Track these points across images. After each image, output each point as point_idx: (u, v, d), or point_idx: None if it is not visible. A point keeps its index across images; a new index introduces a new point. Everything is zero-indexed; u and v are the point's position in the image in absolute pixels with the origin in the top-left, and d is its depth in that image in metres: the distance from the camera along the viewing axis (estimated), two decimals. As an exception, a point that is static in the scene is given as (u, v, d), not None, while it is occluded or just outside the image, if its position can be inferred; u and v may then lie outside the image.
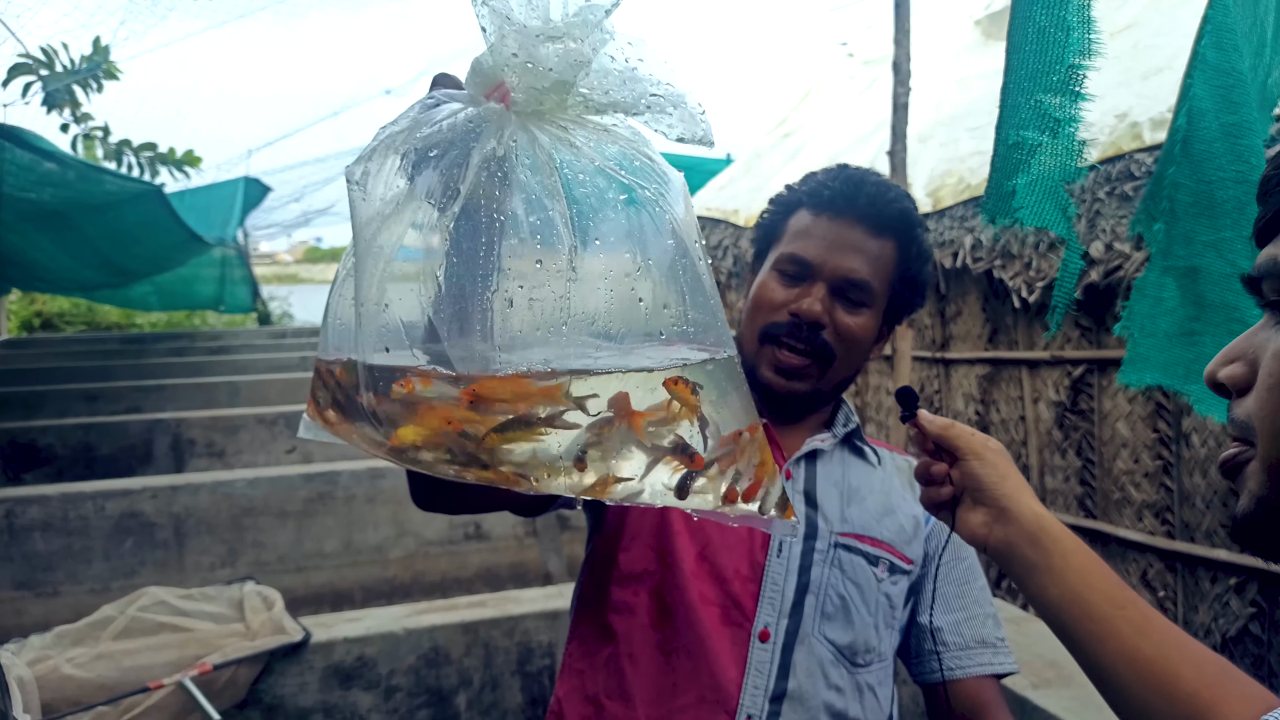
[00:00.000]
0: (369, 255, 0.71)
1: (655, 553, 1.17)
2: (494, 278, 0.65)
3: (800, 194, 1.24)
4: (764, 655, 1.12)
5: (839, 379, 1.22)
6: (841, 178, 1.21)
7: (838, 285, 1.17)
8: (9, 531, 3.96)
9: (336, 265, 0.82)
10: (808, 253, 1.18)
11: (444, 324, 0.66)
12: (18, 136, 3.00)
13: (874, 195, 1.18)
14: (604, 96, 0.71)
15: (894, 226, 1.19)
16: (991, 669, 1.21)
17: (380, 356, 0.70)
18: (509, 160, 0.68)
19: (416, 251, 0.70)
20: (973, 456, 0.94)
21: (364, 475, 4.42)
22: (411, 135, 0.70)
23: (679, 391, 0.69)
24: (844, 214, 1.18)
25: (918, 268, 1.23)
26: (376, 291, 0.71)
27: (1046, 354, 3.89)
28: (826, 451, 1.25)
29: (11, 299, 13.69)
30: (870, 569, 1.17)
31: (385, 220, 0.71)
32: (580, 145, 0.70)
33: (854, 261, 1.17)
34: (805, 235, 1.19)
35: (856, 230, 1.18)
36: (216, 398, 7.02)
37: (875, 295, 1.19)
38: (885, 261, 1.19)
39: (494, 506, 1.04)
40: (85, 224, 4.17)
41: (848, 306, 1.18)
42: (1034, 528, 0.88)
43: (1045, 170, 0.99)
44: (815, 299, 1.16)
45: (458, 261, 0.66)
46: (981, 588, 1.27)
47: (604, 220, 0.68)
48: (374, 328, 0.70)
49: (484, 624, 2.63)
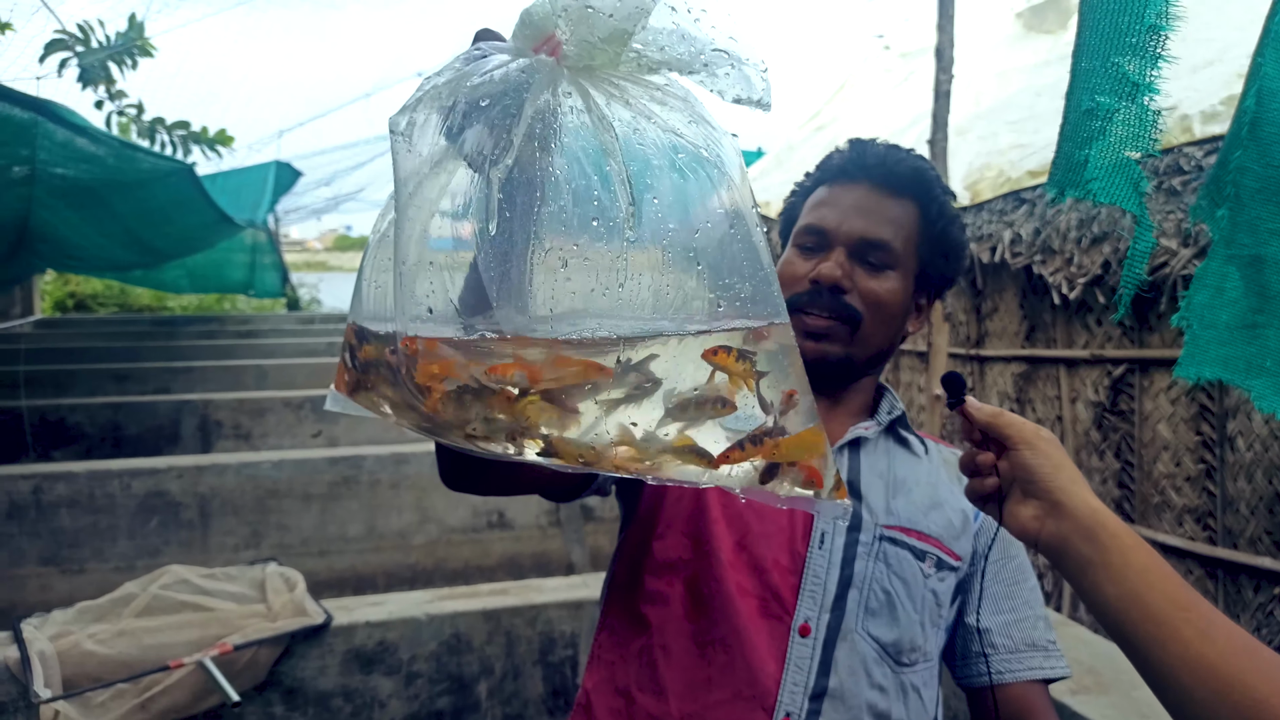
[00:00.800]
0: (411, 211, 0.67)
1: (691, 540, 1.12)
2: (546, 236, 0.61)
3: (816, 174, 1.22)
4: (804, 651, 1.06)
5: (873, 346, 1.16)
6: (850, 145, 1.19)
7: (856, 247, 1.13)
8: (36, 507, 3.97)
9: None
10: (822, 221, 1.14)
11: (492, 284, 0.62)
12: (51, 111, 2.98)
13: (883, 155, 1.15)
14: (658, 53, 0.66)
15: (909, 185, 1.15)
16: (1041, 673, 1.15)
17: (421, 324, 0.65)
18: (563, 114, 0.64)
19: (462, 209, 0.66)
20: (1024, 445, 0.88)
21: (388, 460, 4.40)
22: (460, 85, 0.66)
23: (720, 361, 0.64)
24: (854, 178, 1.15)
25: (942, 227, 1.18)
26: (417, 249, 0.66)
27: (1086, 353, 3.79)
28: (870, 440, 1.19)
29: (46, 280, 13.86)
30: (917, 564, 1.12)
31: (430, 173, 0.67)
32: (634, 102, 0.66)
33: (867, 222, 1.13)
34: (820, 205, 1.17)
35: (870, 192, 1.14)
36: (244, 381, 7.04)
37: (898, 256, 1.14)
38: (906, 222, 1.15)
39: (523, 488, 1.00)
40: (117, 202, 4.18)
41: (869, 270, 1.13)
42: (1090, 522, 0.83)
43: (1118, 140, 0.92)
44: (834, 263, 1.12)
45: (510, 217, 0.62)
46: (1032, 588, 1.21)
47: (661, 180, 0.64)
48: (415, 291, 0.66)
49: (506, 612, 2.59)
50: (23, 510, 3.95)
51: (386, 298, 0.71)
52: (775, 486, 0.67)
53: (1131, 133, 0.95)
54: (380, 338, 0.73)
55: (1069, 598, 3.83)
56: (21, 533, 3.95)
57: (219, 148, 4.58)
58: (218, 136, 4.55)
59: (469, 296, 0.65)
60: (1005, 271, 4.20)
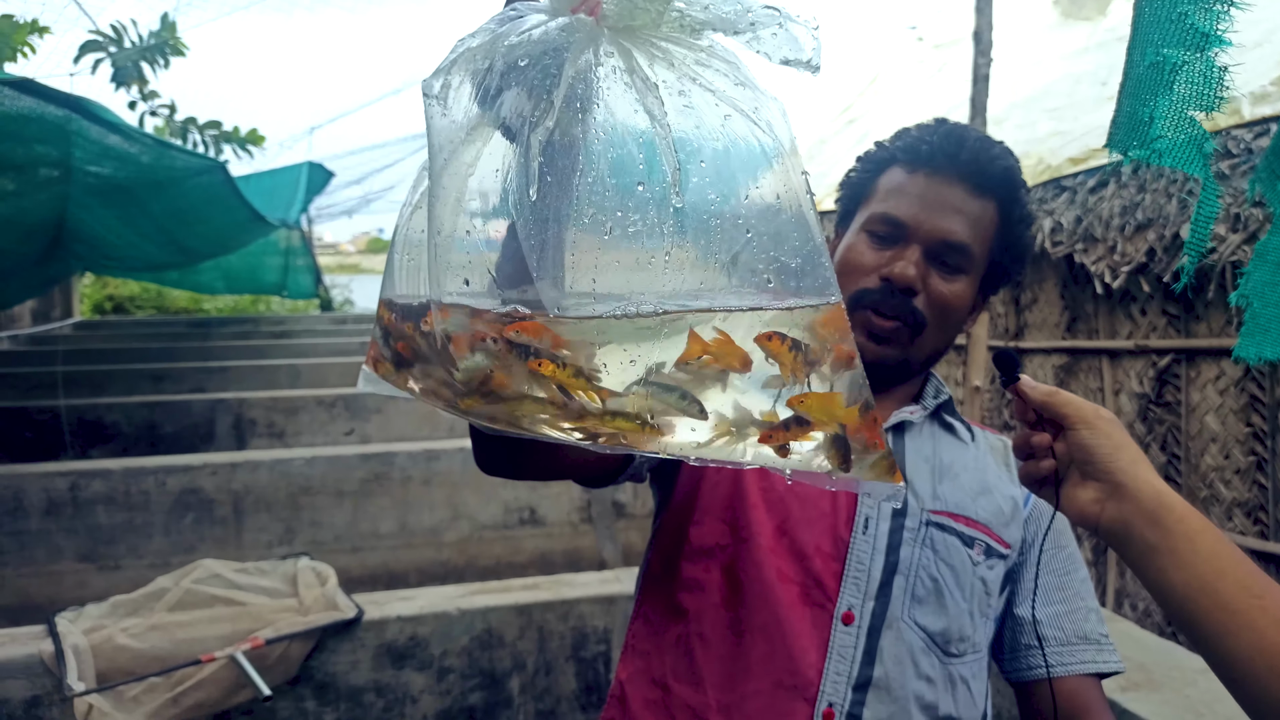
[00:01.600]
0: (446, 178, 0.63)
1: (729, 526, 1.08)
2: (588, 202, 0.58)
3: (894, 150, 1.13)
4: (847, 639, 1.01)
5: (930, 350, 1.12)
6: (941, 132, 1.10)
7: (934, 248, 1.07)
8: (73, 504, 4.01)
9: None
10: (902, 212, 1.07)
11: (533, 253, 0.58)
12: (85, 108, 2.99)
13: (977, 151, 1.07)
14: (702, 12, 0.63)
15: (997, 186, 1.09)
16: (1095, 667, 1.09)
17: (457, 294, 0.62)
18: (605, 75, 0.61)
19: (499, 174, 0.63)
20: (1082, 425, 0.83)
21: (420, 456, 4.40)
22: (495, 47, 0.63)
23: (773, 348, 0.60)
24: (943, 171, 1.07)
25: (1020, 232, 1.13)
26: (452, 219, 0.63)
27: (1130, 343, 3.70)
28: (915, 424, 1.15)
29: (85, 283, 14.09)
30: (965, 550, 1.07)
31: (466, 138, 0.64)
32: (678, 64, 0.62)
33: (953, 222, 1.06)
34: (899, 193, 1.09)
35: (956, 189, 1.07)
36: (278, 380, 7.08)
37: (974, 261, 1.09)
38: (986, 224, 1.09)
39: (559, 473, 0.95)
40: (150, 200, 4.20)
41: (944, 272, 1.08)
42: (1154, 505, 0.78)
43: (1182, 97, 0.87)
44: (909, 262, 1.05)
45: (551, 182, 0.58)
46: (1083, 580, 1.15)
47: (707, 145, 0.60)
48: (450, 261, 0.62)
49: (538, 607, 2.56)
50: (60, 507, 3.98)
51: (420, 271, 0.68)
52: (820, 463, 0.63)
53: (1196, 90, 0.89)
54: (413, 312, 0.69)
55: (1113, 593, 3.74)
56: (59, 529, 3.98)
57: (250, 147, 4.61)
58: (249, 136, 4.58)
59: (506, 266, 0.62)
60: (1045, 261, 4.11)
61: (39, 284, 6.24)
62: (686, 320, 0.60)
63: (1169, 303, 3.51)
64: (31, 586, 3.90)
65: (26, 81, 2.81)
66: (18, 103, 2.89)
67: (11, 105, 2.88)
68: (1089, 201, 3.76)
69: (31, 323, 10.89)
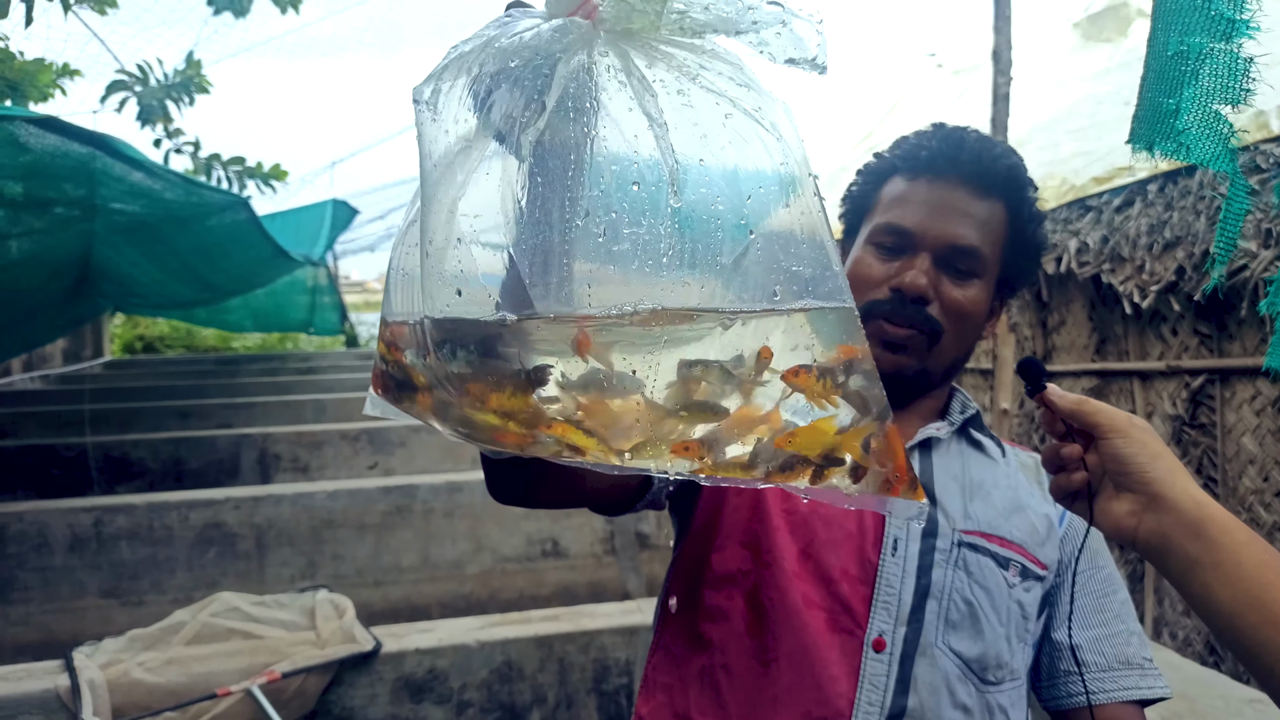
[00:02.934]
0: (439, 186, 0.61)
1: (750, 551, 1.04)
2: (584, 204, 0.56)
3: (893, 159, 1.10)
4: (879, 667, 0.97)
5: (949, 358, 1.08)
6: (939, 136, 1.07)
7: (943, 254, 1.03)
8: (97, 540, 4.01)
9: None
10: (907, 221, 1.04)
11: (524, 257, 0.56)
12: (108, 145, 3.03)
13: (978, 151, 1.05)
14: (703, 14, 0.61)
15: (1002, 186, 1.05)
16: (1138, 693, 1.03)
17: (449, 306, 0.59)
18: (599, 74, 0.59)
19: (491, 180, 0.60)
20: (1115, 434, 0.79)
21: (442, 489, 4.37)
22: (487, 49, 0.61)
23: (801, 384, 0.58)
24: (945, 175, 1.04)
25: (1031, 231, 1.09)
26: (445, 229, 0.60)
27: (1161, 364, 3.62)
28: (943, 441, 1.10)
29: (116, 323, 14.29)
30: (1000, 572, 1.02)
31: (458, 144, 0.62)
32: (677, 66, 0.60)
33: (960, 227, 1.03)
34: (902, 202, 1.06)
35: (960, 192, 1.04)
36: (303, 415, 7.11)
37: (986, 263, 1.05)
38: (995, 225, 1.05)
39: (574, 500, 0.92)
40: (175, 237, 4.25)
41: (955, 278, 1.04)
42: (1195, 516, 0.74)
43: (1207, 89, 0.83)
44: (919, 271, 1.02)
45: (542, 183, 0.56)
46: (1123, 601, 1.10)
47: (709, 147, 0.58)
48: (443, 271, 0.60)
49: (558, 638, 2.51)
50: (84, 543, 3.99)
51: (414, 284, 0.65)
52: (836, 483, 0.60)
53: (1222, 83, 0.86)
54: (408, 329, 0.67)
55: (1151, 621, 3.63)
56: (83, 565, 3.99)
57: (273, 182, 4.65)
58: (272, 171, 4.62)
59: (511, 291, 0.58)
60: (1072, 282, 4.05)
61: (67, 323, 6.31)
62: (689, 324, 0.57)
63: (1201, 321, 3.43)
64: (55, 623, 3.89)
65: (51, 119, 2.85)
66: (42, 140, 2.93)
67: (36, 143, 2.92)
68: (1115, 221, 3.70)
69: (63, 362, 11.03)
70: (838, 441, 0.60)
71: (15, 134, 2.79)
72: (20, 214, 3.29)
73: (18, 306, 4.16)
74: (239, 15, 4.51)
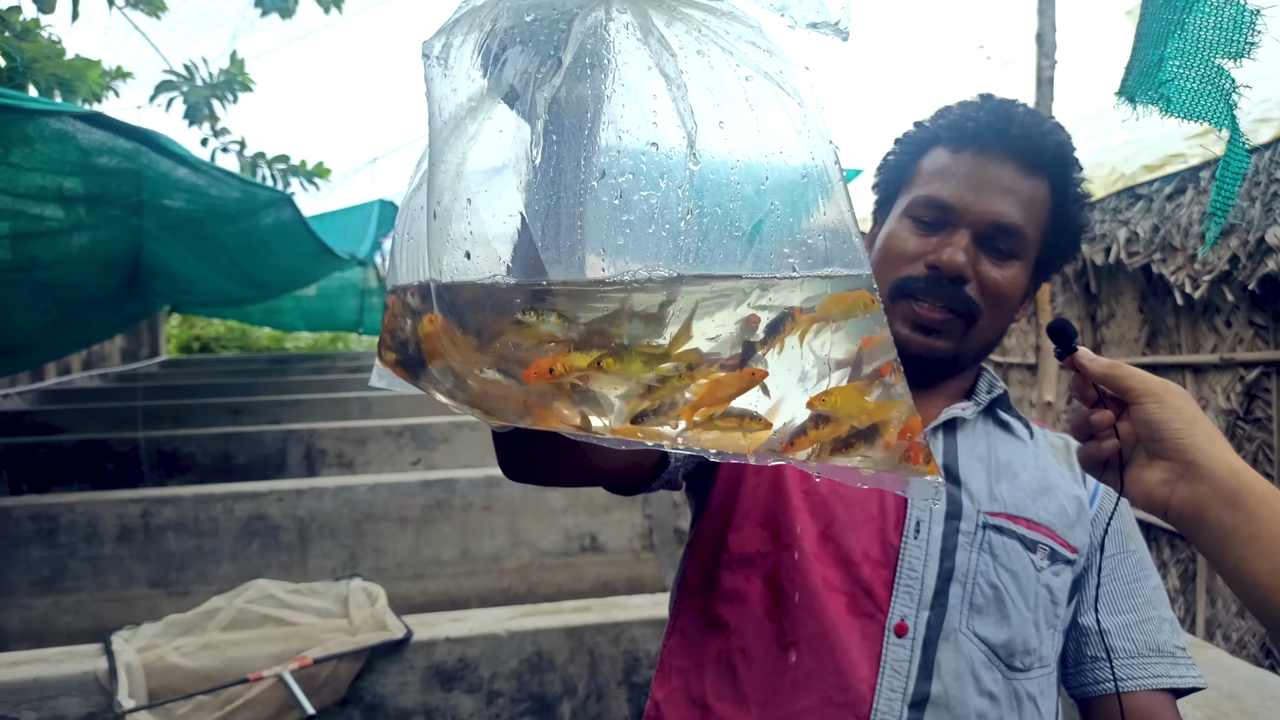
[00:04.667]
0: (448, 146, 0.59)
1: (769, 532, 1.01)
2: (599, 165, 0.53)
3: (937, 129, 1.06)
4: (901, 652, 0.94)
5: (983, 341, 1.04)
6: (987, 108, 1.02)
7: (984, 233, 0.99)
8: (145, 531, 4.10)
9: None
10: (948, 195, 1.00)
11: (536, 219, 0.54)
12: (154, 140, 3.08)
13: (1028, 126, 1.00)
14: None
15: (1050, 164, 1.01)
16: (1169, 681, 0.99)
17: (456, 269, 0.57)
18: (617, 32, 0.56)
19: (503, 138, 0.58)
20: (1149, 398, 0.75)
21: (480, 483, 4.40)
22: (502, 3, 0.59)
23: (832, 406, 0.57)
24: (991, 149, 1.00)
25: (1074, 212, 1.04)
26: (453, 188, 0.58)
27: (1214, 357, 3.50)
28: (968, 421, 1.06)
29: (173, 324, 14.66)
30: (1027, 555, 0.98)
31: (469, 102, 0.60)
32: (697, 26, 0.58)
33: (1004, 204, 0.99)
34: (944, 175, 1.01)
35: (1007, 168, 0.99)
36: (349, 412, 7.21)
37: (1027, 244, 1.01)
38: (1039, 204, 1.01)
39: (588, 478, 0.89)
40: (221, 233, 4.32)
41: (995, 257, 1.00)
42: (1232, 484, 0.70)
43: (1200, 38, 0.79)
44: (958, 248, 0.98)
45: (557, 143, 0.54)
46: (1155, 587, 1.05)
47: (728, 110, 0.56)
48: (450, 234, 0.58)
49: (589, 629, 2.50)
50: (132, 534, 4.08)
51: (420, 249, 0.64)
52: (849, 459, 0.58)
53: (1225, 35, 0.82)
54: (414, 295, 0.65)
55: (1203, 623, 3.51)
56: (131, 555, 4.08)
57: (317, 180, 4.71)
58: (316, 169, 4.69)
59: (523, 257, 0.56)
60: (1121, 273, 3.94)
61: (122, 320, 6.46)
62: (703, 292, 0.55)
63: (1256, 312, 3.31)
64: (105, 611, 3.99)
65: (97, 115, 2.91)
66: (90, 136, 2.99)
67: (84, 138, 2.99)
68: (1166, 209, 3.59)
69: (120, 361, 11.35)
70: (872, 409, 0.57)
71: (63, 129, 2.85)
72: (70, 209, 3.37)
73: (73, 302, 4.27)
74: (285, 16, 4.58)
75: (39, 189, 3.08)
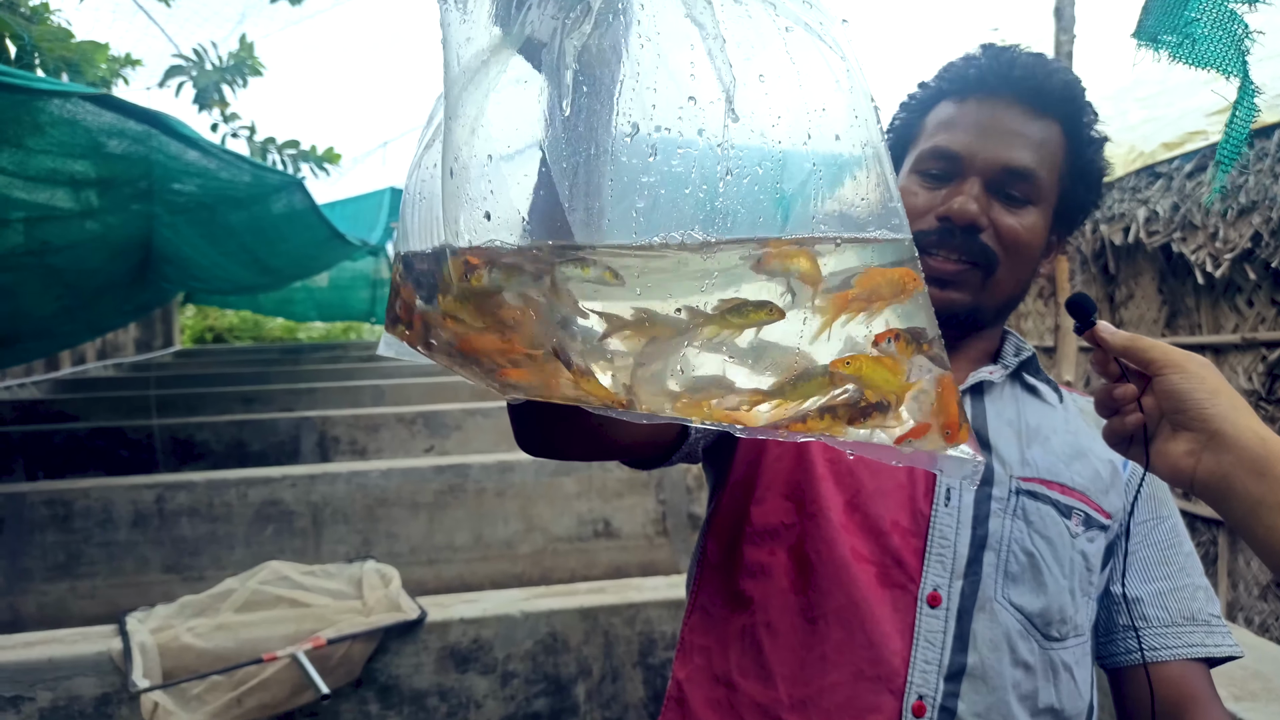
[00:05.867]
0: (467, 98, 0.56)
1: (794, 503, 0.98)
2: (630, 120, 0.50)
3: (939, 85, 1.03)
4: (935, 623, 0.91)
5: (1004, 294, 1.01)
6: (989, 54, 1.00)
7: (996, 178, 0.96)
8: (159, 516, 4.10)
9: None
10: (954, 144, 0.97)
11: (564, 178, 0.51)
12: (163, 122, 3.06)
13: (1032, 67, 0.97)
14: None
15: (1059, 104, 0.98)
16: (1204, 650, 0.96)
17: (475, 231, 0.54)
18: None
19: (530, 89, 0.55)
20: (1171, 369, 0.73)
21: (494, 468, 4.38)
22: None
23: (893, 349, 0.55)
24: (996, 93, 0.97)
25: (1091, 154, 1.01)
26: (471, 143, 0.55)
27: (1236, 337, 3.45)
28: (996, 385, 1.04)
29: (187, 315, 14.70)
30: (1062, 521, 0.95)
31: (489, 49, 0.57)
32: None
33: (1013, 148, 0.95)
34: (950, 125, 0.99)
35: (1013, 110, 0.96)
36: (362, 399, 7.21)
37: (1042, 189, 0.98)
38: (1052, 147, 0.98)
39: (605, 451, 0.87)
40: (231, 218, 4.31)
41: (1009, 203, 0.97)
42: (1259, 452, 0.68)
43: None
44: (969, 197, 0.95)
45: (588, 94, 0.51)
46: (1189, 554, 1.02)
47: (767, 63, 0.53)
48: (468, 193, 0.54)
49: (603, 610, 2.48)
50: (146, 519, 4.08)
51: (433, 209, 0.61)
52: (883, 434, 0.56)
53: None
54: (427, 259, 0.62)
55: (1224, 606, 3.47)
56: (145, 540, 4.08)
57: (327, 165, 4.69)
58: (326, 154, 4.67)
59: (539, 208, 0.54)
60: (1141, 253, 3.89)
61: (134, 309, 6.48)
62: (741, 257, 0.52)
63: (1278, 291, 3.26)
64: (120, 596, 3.99)
65: (107, 96, 2.89)
66: (100, 119, 2.97)
67: (94, 121, 2.97)
68: (1186, 187, 3.54)
69: (134, 351, 11.40)
70: (897, 383, 0.55)
71: (73, 111, 2.84)
72: (80, 192, 3.36)
73: (84, 287, 4.27)
74: (294, 2, 4.56)
75: (49, 172, 3.07)
